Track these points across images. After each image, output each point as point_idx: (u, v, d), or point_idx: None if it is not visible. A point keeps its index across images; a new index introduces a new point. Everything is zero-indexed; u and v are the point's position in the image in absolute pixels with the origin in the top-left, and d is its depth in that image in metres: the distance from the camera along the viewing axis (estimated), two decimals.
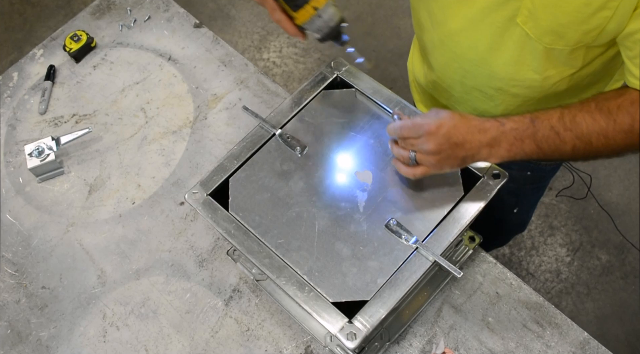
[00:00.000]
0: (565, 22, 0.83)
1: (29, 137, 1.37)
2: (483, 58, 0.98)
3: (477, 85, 1.05)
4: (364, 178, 0.97)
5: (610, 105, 0.83)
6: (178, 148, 1.33)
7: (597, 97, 0.85)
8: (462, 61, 1.03)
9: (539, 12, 0.84)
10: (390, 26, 2.68)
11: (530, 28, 0.87)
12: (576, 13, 0.81)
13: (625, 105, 0.83)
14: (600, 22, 0.81)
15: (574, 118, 0.83)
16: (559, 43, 0.87)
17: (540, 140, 0.84)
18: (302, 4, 0.86)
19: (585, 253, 2.15)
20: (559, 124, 0.84)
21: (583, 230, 2.19)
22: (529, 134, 0.84)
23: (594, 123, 0.82)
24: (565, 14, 0.82)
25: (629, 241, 2.14)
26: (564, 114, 0.84)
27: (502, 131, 0.84)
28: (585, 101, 0.85)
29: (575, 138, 0.83)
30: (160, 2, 1.54)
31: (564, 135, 0.83)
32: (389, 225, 0.92)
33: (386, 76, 2.54)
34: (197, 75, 1.43)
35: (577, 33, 0.84)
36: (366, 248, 0.90)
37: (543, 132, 0.84)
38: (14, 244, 1.25)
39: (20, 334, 1.16)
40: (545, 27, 0.85)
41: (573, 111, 0.84)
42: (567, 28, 0.84)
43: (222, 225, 0.94)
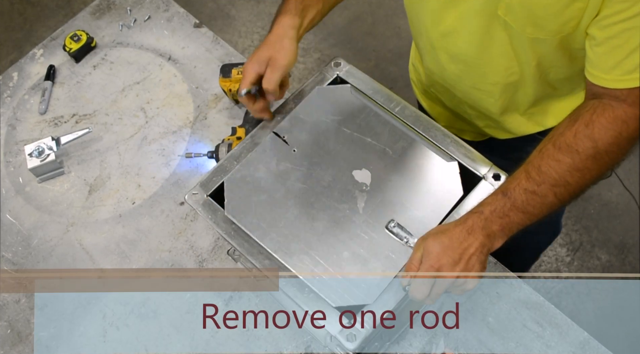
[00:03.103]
0: (541, 14, 0.84)
1: (29, 137, 1.37)
2: (477, 55, 0.99)
3: (475, 84, 1.05)
4: (362, 178, 0.95)
5: (567, 139, 0.82)
6: (178, 148, 1.33)
7: (552, 135, 0.85)
8: (457, 62, 1.03)
9: (514, 4, 0.85)
10: (390, 26, 2.68)
11: (511, 19, 0.88)
12: (549, 6, 0.81)
13: (580, 130, 0.82)
14: (575, 13, 0.81)
15: (540, 170, 0.83)
16: (541, 33, 0.87)
17: (523, 206, 0.83)
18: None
19: (585, 253, 2.15)
20: (530, 183, 0.83)
21: (583, 230, 2.19)
22: (509, 207, 0.83)
23: (560, 164, 0.82)
24: (539, 6, 0.83)
25: None
26: (529, 171, 0.83)
27: (485, 218, 0.83)
28: (542, 145, 0.85)
29: (551, 187, 0.82)
30: (160, 2, 1.54)
31: (540, 191, 0.83)
32: (389, 227, 0.91)
33: (386, 76, 2.54)
34: (197, 75, 1.43)
35: (554, 24, 0.85)
36: (367, 250, 0.89)
37: (520, 198, 0.83)
38: (14, 244, 1.25)
39: (20, 334, 1.16)
40: (524, 19, 0.86)
41: (536, 163, 0.83)
42: (544, 19, 0.85)
43: (222, 226, 0.94)
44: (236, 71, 1.30)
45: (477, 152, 0.97)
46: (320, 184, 0.95)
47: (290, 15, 0.98)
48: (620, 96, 0.82)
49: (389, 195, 0.93)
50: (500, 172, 0.94)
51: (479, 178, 0.95)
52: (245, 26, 2.73)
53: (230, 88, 1.30)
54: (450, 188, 0.93)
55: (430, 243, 0.83)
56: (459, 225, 0.83)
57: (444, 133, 0.99)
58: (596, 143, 0.81)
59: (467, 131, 1.26)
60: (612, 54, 0.81)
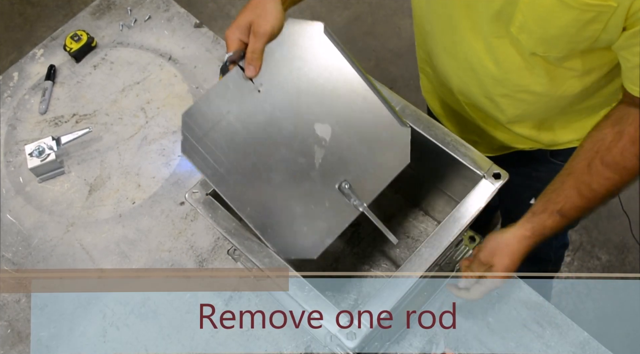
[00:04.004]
0: (556, 34, 0.83)
1: (29, 137, 1.37)
2: (486, 65, 0.98)
3: (484, 92, 1.04)
4: (323, 132, 0.92)
5: (614, 157, 0.87)
6: (178, 148, 1.33)
7: (598, 149, 0.89)
8: (466, 69, 1.02)
9: (529, 24, 0.84)
10: (390, 26, 2.68)
11: (524, 38, 0.87)
12: (566, 27, 0.81)
13: (627, 148, 0.86)
14: (591, 34, 0.81)
15: (591, 187, 0.89)
16: (552, 52, 0.88)
17: (572, 219, 0.92)
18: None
19: (585, 253, 2.15)
20: (583, 201, 0.90)
21: (583, 230, 2.18)
22: (564, 223, 0.91)
23: (610, 181, 0.88)
24: (555, 27, 0.82)
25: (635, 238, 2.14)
26: (581, 189, 0.89)
27: (543, 237, 0.92)
28: (589, 159, 0.89)
29: (601, 200, 0.90)
30: (161, 2, 1.54)
31: (592, 205, 0.90)
32: (341, 187, 0.91)
33: (386, 76, 2.54)
34: (198, 75, 1.43)
35: (569, 44, 0.85)
36: (317, 207, 0.90)
37: (575, 216, 0.91)
38: (14, 244, 1.25)
39: (20, 334, 1.16)
40: (537, 38, 0.86)
41: (586, 180, 0.89)
42: (558, 39, 0.84)
43: (222, 224, 0.94)
44: None
45: (477, 151, 0.97)
46: (282, 133, 0.91)
47: None
48: None
49: (344, 154, 0.92)
50: (500, 170, 0.94)
51: (480, 176, 0.95)
52: None
53: None
54: (398, 154, 0.93)
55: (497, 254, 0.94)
56: (522, 241, 0.92)
57: (444, 132, 0.98)
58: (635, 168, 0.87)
59: (478, 143, 1.24)
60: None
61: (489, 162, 0.95)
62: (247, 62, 0.88)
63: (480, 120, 1.16)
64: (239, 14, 0.89)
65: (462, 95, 1.11)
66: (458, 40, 0.98)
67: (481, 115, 1.14)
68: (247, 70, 0.89)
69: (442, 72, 1.10)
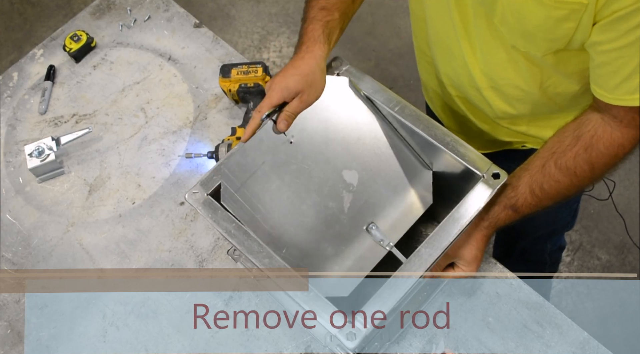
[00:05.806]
0: (531, 29, 0.84)
1: (29, 137, 1.37)
2: (473, 55, 0.99)
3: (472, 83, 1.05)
4: (350, 178, 0.99)
5: (567, 161, 0.89)
6: (178, 148, 1.33)
7: (555, 151, 0.91)
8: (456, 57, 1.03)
9: (508, 16, 0.85)
10: (390, 26, 2.68)
11: (505, 31, 0.89)
12: (541, 24, 0.82)
13: (580, 154, 0.88)
14: (566, 32, 0.82)
15: (542, 187, 0.92)
16: (531, 48, 0.89)
17: (525, 215, 0.96)
18: None
19: (585, 253, 2.15)
20: (534, 199, 0.94)
21: (583, 230, 2.18)
22: (518, 218, 0.96)
23: (560, 184, 0.91)
24: (530, 22, 0.83)
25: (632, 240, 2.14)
26: (533, 188, 0.93)
27: (495, 230, 0.99)
28: (545, 159, 0.92)
29: (550, 200, 0.93)
30: (160, 2, 1.54)
31: (541, 204, 0.94)
32: (369, 229, 0.98)
33: (386, 76, 2.54)
34: (197, 75, 1.43)
35: (544, 41, 0.86)
36: (347, 248, 0.95)
37: (527, 212, 0.95)
38: (14, 244, 1.25)
39: (20, 334, 1.16)
40: (516, 32, 0.87)
41: (539, 180, 0.92)
42: (534, 36, 0.86)
43: (222, 224, 0.94)
44: (236, 71, 1.30)
45: (476, 151, 0.97)
46: (313, 180, 0.98)
47: (320, 44, 0.95)
48: (618, 115, 0.85)
49: (371, 198, 0.99)
50: (499, 170, 0.94)
51: (478, 177, 0.95)
52: (245, 26, 2.73)
53: (230, 89, 1.31)
54: (422, 195, 1.00)
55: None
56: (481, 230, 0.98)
57: (443, 132, 0.98)
58: (593, 167, 0.88)
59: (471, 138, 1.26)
60: (611, 76, 0.82)
61: (489, 162, 0.96)
62: (283, 118, 0.92)
63: (470, 113, 1.17)
64: (287, 74, 0.92)
65: (454, 88, 1.12)
66: (450, 27, 0.99)
67: (471, 107, 1.15)
68: (281, 125, 0.92)
69: (435, 60, 1.11)
